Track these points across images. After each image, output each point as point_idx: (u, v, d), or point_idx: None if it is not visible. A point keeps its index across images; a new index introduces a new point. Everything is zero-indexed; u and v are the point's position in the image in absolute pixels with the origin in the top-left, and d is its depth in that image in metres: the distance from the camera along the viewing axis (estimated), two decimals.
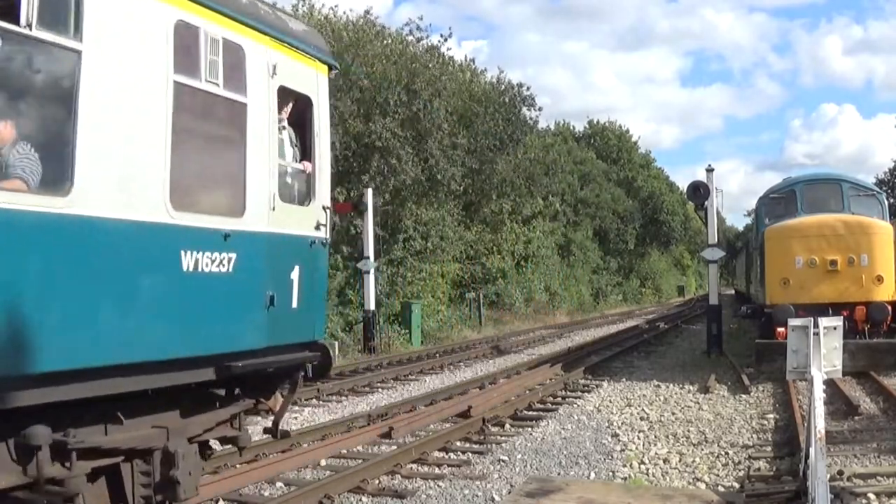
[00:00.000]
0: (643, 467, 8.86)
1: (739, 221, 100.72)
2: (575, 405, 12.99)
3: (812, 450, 6.40)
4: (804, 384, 9.00)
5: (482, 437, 10.50)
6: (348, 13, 27.52)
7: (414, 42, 27.49)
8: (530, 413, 12.39)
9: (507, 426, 11.34)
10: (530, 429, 11.08)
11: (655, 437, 10.41)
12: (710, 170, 19.88)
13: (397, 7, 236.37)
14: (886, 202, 17.29)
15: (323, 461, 9.12)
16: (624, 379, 16.09)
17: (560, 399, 13.81)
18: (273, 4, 6.56)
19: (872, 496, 7.18)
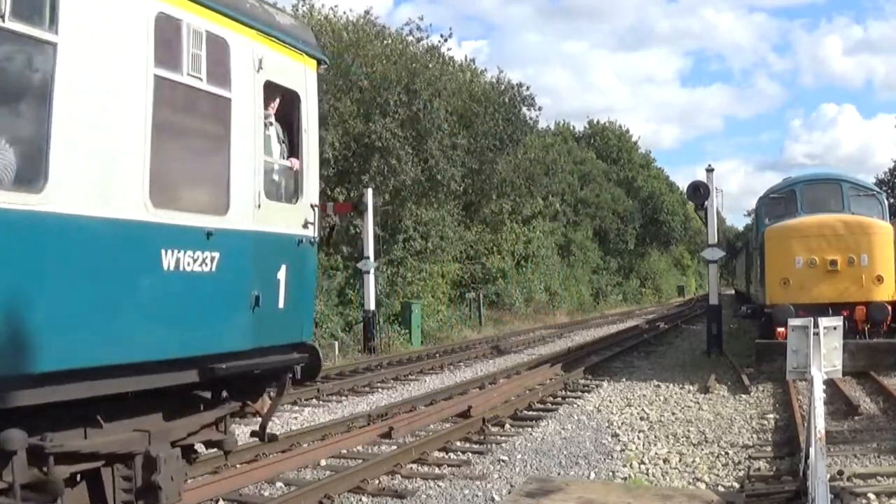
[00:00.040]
0: (643, 467, 8.86)
1: (739, 221, 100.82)
2: (575, 405, 12.99)
3: (812, 450, 6.40)
4: (804, 384, 9.00)
5: (482, 437, 10.50)
6: (348, 13, 27.57)
7: (414, 42, 27.55)
8: (530, 413, 12.40)
9: (507, 426, 11.34)
10: (530, 429, 11.08)
11: (655, 437, 10.41)
12: (710, 170, 19.90)
13: (397, 7, 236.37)
14: (886, 202, 17.29)
15: (323, 461, 9.11)
16: (624, 379, 16.09)
17: (560, 399, 13.82)
18: None
19: (872, 496, 7.18)
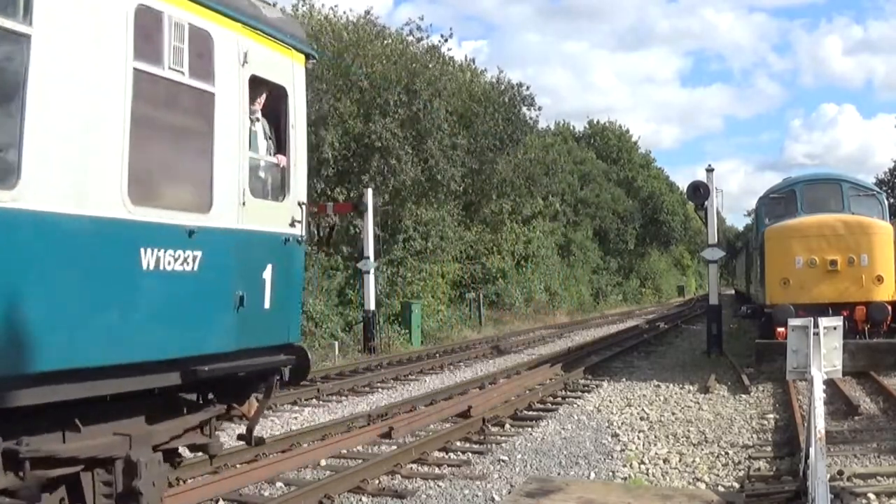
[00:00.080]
0: (643, 467, 8.86)
1: (739, 221, 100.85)
2: (575, 405, 12.99)
3: (812, 450, 6.41)
4: (804, 384, 9.00)
5: (482, 437, 10.50)
6: (348, 13, 27.57)
7: (414, 42, 27.56)
8: (530, 413, 12.39)
9: (507, 426, 11.34)
10: (530, 429, 11.08)
11: (655, 437, 10.40)
12: (710, 170, 19.90)
13: (397, 7, 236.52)
14: (886, 202, 17.30)
15: (323, 461, 9.11)
16: (624, 379, 16.09)
17: (560, 399, 13.81)
18: None
19: (872, 496, 7.18)
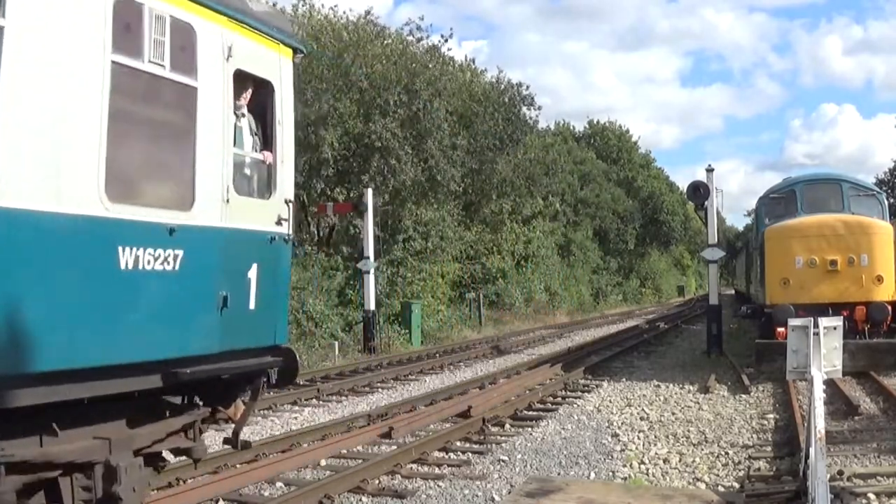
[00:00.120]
0: (643, 467, 8.86)
1: (739, 221, 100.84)
2: (575, 405, 12.99)
3: (812, 450, 6.41)
4: (804, 384, 9.00)
5: (482, 437, 10.50)
6: (348, 13, 27.57)
7: (414, 42, 27.56)
8: (530, 413, 12.39)
9: (507, 426, 11.34)
10: (530, 429, 11.08)
11: (655, 437, 10.40)
12: (710, 170, 19.90)
13: (397, 7, 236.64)
14: (886, 202, 17.30)
15: (323, 461, 9.11)
16: (624, 379, 16.09)
17: (560, 399, 13.81)
18: None
19: (872, 496, 7.18)
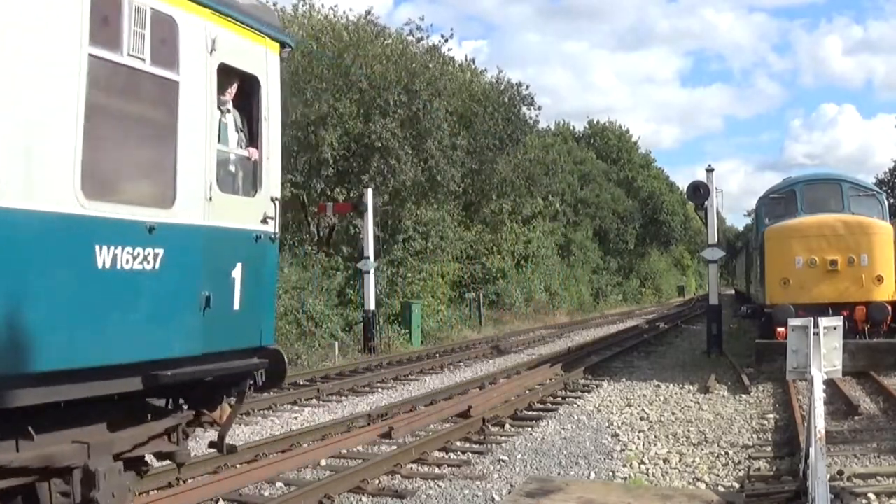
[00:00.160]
0: (643, 467, 8.86)
1: (739, 221, 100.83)
2: (575, 405, 12.99)
3: (812, 450, 6.41)
4: (804, 384, 9.00)
5: (482, 437, 10.50)
6: (348, 13, 27.56)
7: (414, 42, 27.55)
8: (530, 413, 12.39)
9: (507, 426, 11.34)
10: (530, 429, 11.08)
11: (655, 437, 10.41)
12: (710, 170, 19.91)
13: (397, 7, 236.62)
14: (886, 202, 17.30)
15: (323, 461, 9.11)
16: (624, 379, 16.09)
17: (560, 399, 13.81)
18: None
19: (872, 496, 7.18)
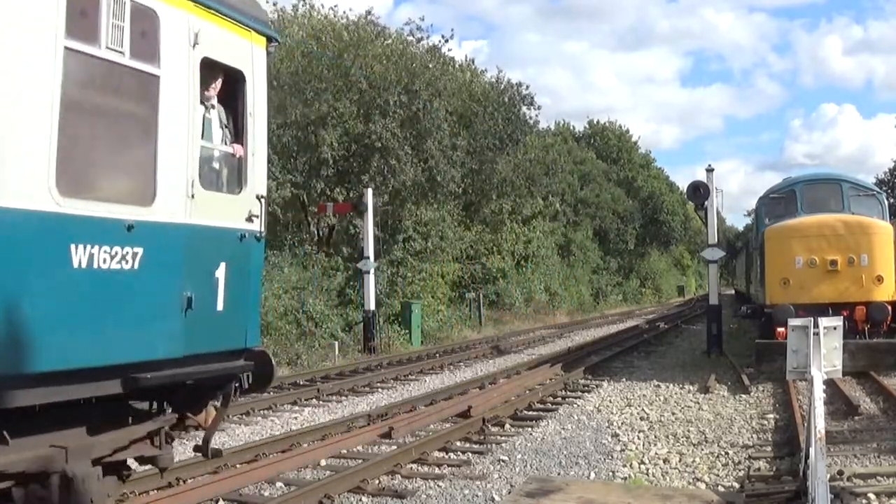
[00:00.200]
0: (643, 467, 8.86)
1: (739, 221, 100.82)
2: (575, 405, 12.98)
3: (812, 450, 6.41)
4: (804, 384, 9.00)
5: (482, 437, 10.49)
6: (348, 13, 27.58)
7: (414, 42, 27.56)
8: (530, 413, 12.39)
9: (507, 426, 11.34)
10: (530, 429, 11.08)
11: (655, 437, 10.40)
12: (710, 170, 19.91)
13: (397, 7, 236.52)
14: (886, 202, 17.30)
15: (323, 461, 9.11)
16: (624, 379, 16.09)
17: (560, 399, 13.81)
18: None
19: (872, 496, 7.18)
